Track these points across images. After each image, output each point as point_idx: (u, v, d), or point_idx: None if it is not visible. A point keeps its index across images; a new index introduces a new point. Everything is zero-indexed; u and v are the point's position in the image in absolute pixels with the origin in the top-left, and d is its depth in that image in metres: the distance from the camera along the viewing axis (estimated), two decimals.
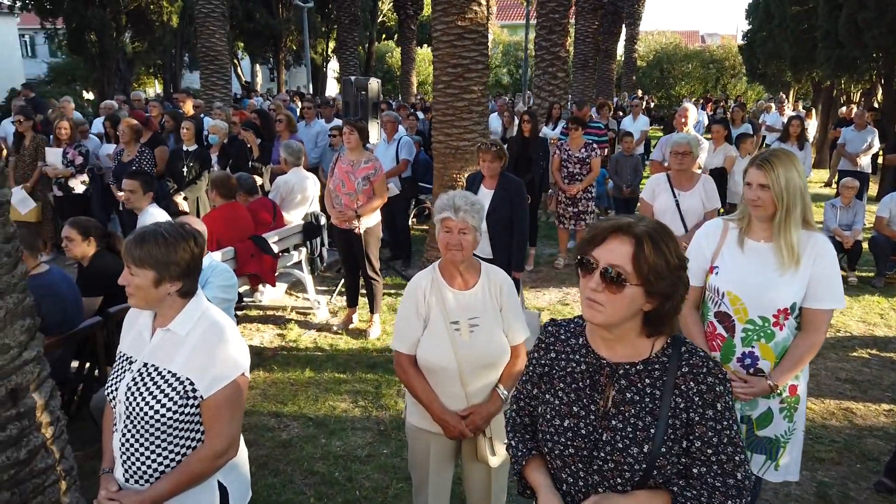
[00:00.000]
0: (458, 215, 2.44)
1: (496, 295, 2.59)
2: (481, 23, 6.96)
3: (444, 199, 2.51)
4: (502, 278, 2.64)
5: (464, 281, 2.57)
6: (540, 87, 11.85)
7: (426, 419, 2.60)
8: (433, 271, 2.62)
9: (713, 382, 1.53)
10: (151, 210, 4.59)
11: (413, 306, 2.58)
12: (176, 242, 1.92)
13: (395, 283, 7.03)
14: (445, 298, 2.53)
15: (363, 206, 5.31)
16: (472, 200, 2.50)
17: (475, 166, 7.14)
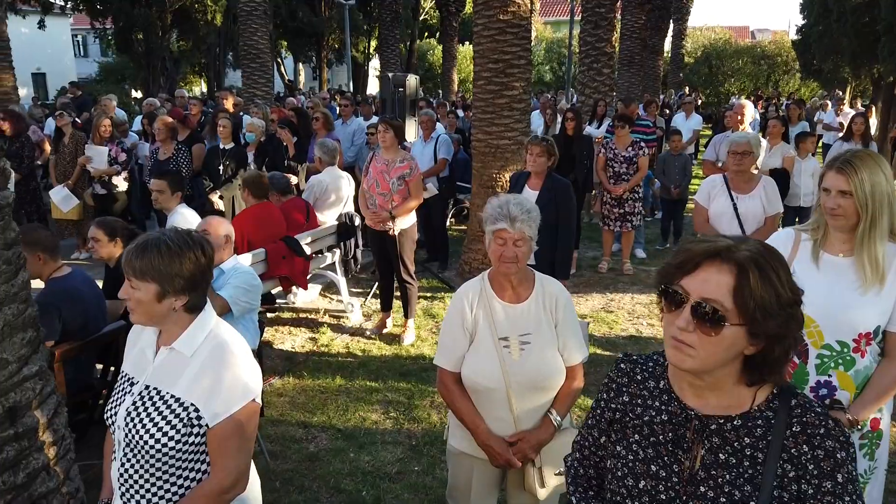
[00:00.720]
0: (514, 226, 2.20)
1: (551, 309, 2.34)
2: (524, 17, 6.68)
3: (497, 207, 2.26)
4: (558, 290, 2.39)
5: (515, 293, 2.33)
6: (584, 84, 11.49)
7: (470, 442, 2.37)
8: (482, 281, 2.38)
9: (833, 447, 1.23)
10: (181, 210, 4.46)
11: (458, 319, 2.35)
12: (181, 252, 1.72)
13: (431, 286, 6.82)
14: (494, 312, 2.30)
15: (398, 206, 5.10)
16: (527, 207, 2.26)
17: (516, 166, 6.88)
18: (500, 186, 6.87)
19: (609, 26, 11.14)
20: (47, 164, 8.03)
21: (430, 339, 5.44)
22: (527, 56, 6.78)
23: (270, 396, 4.44)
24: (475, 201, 7.12)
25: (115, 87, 28.58)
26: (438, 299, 6.42)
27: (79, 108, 11.38)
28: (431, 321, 5.85)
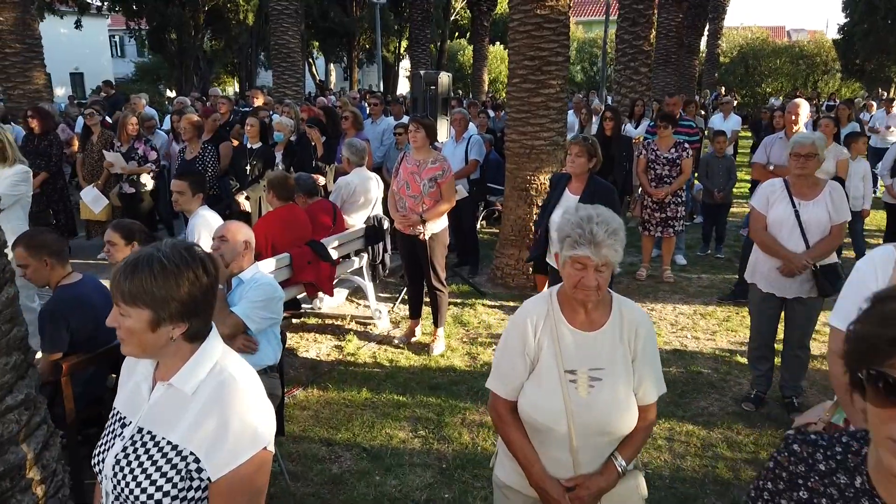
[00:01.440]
0: (599, 252, 1.87)
1: (629, 339, 2.03)
2: (562, 11, 6.38)
3: (575, 227, 1.91)
4: (640, 318, 2.07)
5: (589, 318, 2.02)
6: (620, 84, 11.13)
7: (520, 477, 2.10)
8: (549, 300, 2.07)
9: None
10: (202, 213, 4.27)
11: (519, 343, 2.06)
12: (178, 272, 1.47)
13: (462, 292, 6.55)
14: (562, 339, 2.00)
15: (429, 210, 4.84)
16: (613, 227, 1.92)
17: (551, 167, 6.58)
18: (534, 189, 6.58)
19: (647, 24, 10.78)
20: (75, 163, 7.95)
21: (461, 349, 5.17)
22: (564, 53, 6.47)
23: (293, 410, 4.21)
24: (508, 204, 6.84)
25: (151, 87, 28.94)
26: (469, 306, 6.15)
27: (112, 107, 11.38)
28: (462, 330, 5.58)
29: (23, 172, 4.34)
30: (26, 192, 4.39)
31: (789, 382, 4.22)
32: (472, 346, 5.24)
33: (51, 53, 31.96)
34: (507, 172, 6.82)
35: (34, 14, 9.32)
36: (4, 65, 9.24)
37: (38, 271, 3.11)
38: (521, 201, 6.66)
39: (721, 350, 5.17)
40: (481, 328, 5.61)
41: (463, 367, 4.85)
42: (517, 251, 6.74)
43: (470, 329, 5.60)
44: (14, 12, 9.05)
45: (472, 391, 4.46)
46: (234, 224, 3.32)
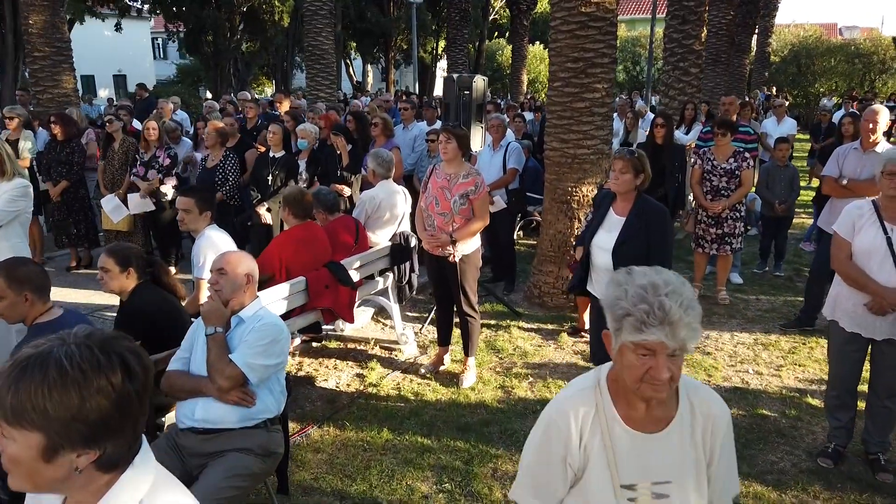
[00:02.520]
0: (675, 335, 1.42)
1: (703, 440, 1.56)
2: (609, 9, 5.84)
3: (638, 301, 1.45)
4: (716, 409, 1.60)
5: (651, 415, 1.56)
6: (669, 85, 10.49)
7: None
8: (597, 391, 1.61)
9: None
10: (209, 233, 3.88)
11: (559, 447, 1.59)
12: (84, 380, 1.04)
13: (496, 312, 6.06)
14: (617, 444, 1.55)
15: (459, 229, 4.37)
16: (688, 298, 1.46)
17: (595, 178, 6.04)
18: (576, 202, 6.06)
19: (698, 21, 10.12)
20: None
21: (493, 381, 4.70)
22: (611, 54, 5.94)
23: (305, 452, 3.79)
24: (547, 217, 6.33)
25: (191, 89, 29.15)
26: (503, 329, 5.67)
27: (145, 111, 11.22)
28: (495, 357, 5.10)
29: (22, 187, 4.02)
30: (25, 207, 4.08)
31: (875, 437, 3.63)
32: (506, 377, 4.76)
33: (94, 55, 32.53)
34: (547, 183, 6.32)
35: (63, 17, 9.17)
36: (34, 69, 9.12)
37: (15, 307, 2.75)
38: (562, 215, 6.15)
39: (788, 389, 4.58)
40: (516, 356, 5.12)
41: (495, 404, 4.37)
42: (556, 269, 6.23)
43: (504, 357, 5.12)
44: (43, 15, 8.90)
45: (504, 434, 3.98)
46: (235, 255, 2.91)
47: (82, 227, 7.22)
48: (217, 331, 2.69)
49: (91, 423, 1.04)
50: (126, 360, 1.11)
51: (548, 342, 5.40)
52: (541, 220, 6.69)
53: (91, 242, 7.34)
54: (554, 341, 5.40)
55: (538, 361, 5.03)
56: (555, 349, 5.26)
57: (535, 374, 4.80)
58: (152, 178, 6.80)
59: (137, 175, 6.86)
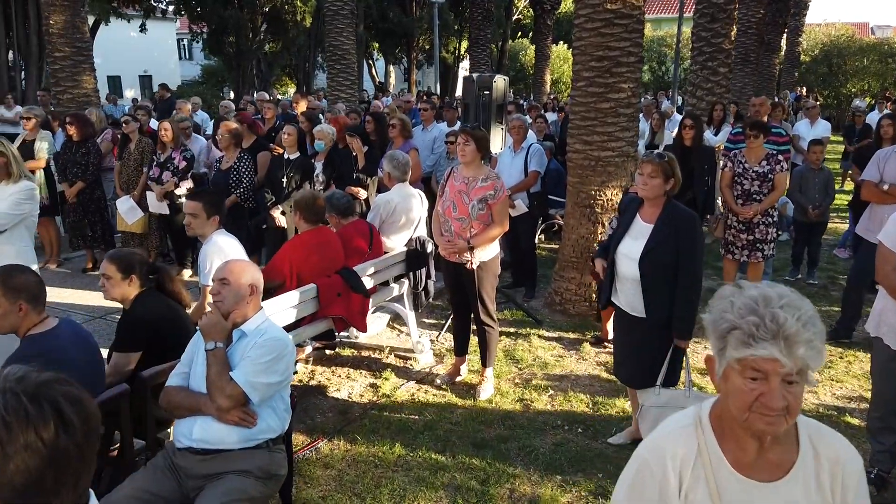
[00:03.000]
0: (792, 352, 1.21)
1: (831, 491, 1.34)
2: (636, 6, 5.61)
3: (747, 313, 1.25)
4: (844, 453, 1.37)
5: (765, 459, 1.34)
6: (696, 85, 10.19)
7: None
8: (698, 429, 1.39)
9: None
10: (216, 238, 3.74)
11: (653, 493, 1.37)
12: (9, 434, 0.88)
13: (515, 319, 5.87)
14: (726, 493, 1.32)
15: (477, 235, 4.19)
16: (808, 313, 1.26)
17: (619, 182, 5.81)
18: (599, 206, 5.84)
19: (728, 20, 9.81)
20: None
21: (512, 393, 4.50)
22: (637, 53, 5.70)
23: (314, 468, 3.63)
24: (569, 222, 6.11)
25: (215, 90, 29.31)
26: (523, 337, 5.47)
27: (168, 111, 11.20)
28: (514, 368, 4.90)
29: (28, 190, 3.92)
30: (31, 211, 3.98)
31: None
32: (526, 389, 4.56)
33: (121, 56, 32.86)
34: (569, 186, 6.10)
35: (84, 17, 9.16)
36: (54, 69, 9.11)
37: (8, 316, 2.62)
38: (585, 219, 5.93)
39: (826, 407, 4.32)
40: (536, 367, 4.92)
41: (514, 419, 4.17)
42: (579, 275, 6.01)
43: (523, 367, 4.92)
44: (64, 15, 8.89)
45: (523, 452, 3.79)
46: (238, 264, 2.75)
47: (98, 229, 7.16)
48: (217, 346, 2.54)
49: (17, 488, 0.88)
50: (61, 409, 0.94)
51: (569, 352, 5.19)
52: (563, 224, 6.48)
53: (107, 244, 7.27)
54: (576, 351, 5.19)
55: (559, 373, 4.82)
56: (577, 360, 5.05)
57: (556, 386, 4.60)
58: (167, 180, 6.71)
59: (152, 177, 6.78)
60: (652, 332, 3.48)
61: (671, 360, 3.48)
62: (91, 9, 20.12)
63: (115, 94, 23.47)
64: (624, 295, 3.58)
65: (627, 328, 3.63)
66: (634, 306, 3.52)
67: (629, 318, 3.57)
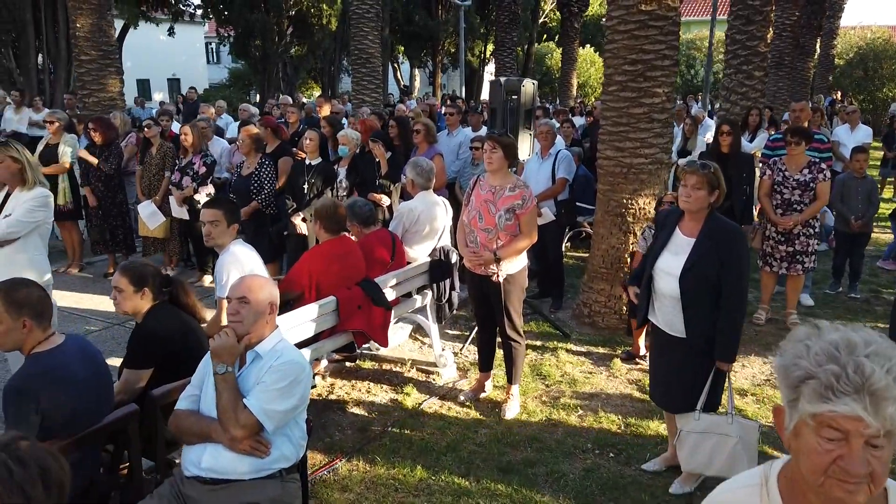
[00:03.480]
0: (879, 410, 1.04)
1: None
2: (672, 7, 5.38)
3: (827, 360, 1.08)
4: None
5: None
6: (730, 90, 9.88)
7: None
8: (763, 491, 1.23)
9: None
10: (233, 249, 3.59)
11: None
12: None
13: (542, 332, 5.66)
14: None
15: (504, 246, 4.00)
16: (891, 361, 1.06)
17: (652, 190, 5.58)
18: (631, 215, 5.61)
19: (764, 22, 9.49)
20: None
21: (539, 412, 4.29)
22: (672, 56, 5.47)
23: (332, 490, 3.47)
24: (599, 231, 5.89)
25: (241, 93, 29.49)
26: (550, 351, 5.26)
27: (193, 114, 11.18)
28: (541, 385, 4.70)
29: (42, 196, 3.82)
30: (45, 218, 3.87)
31: None
32: (553, 408, 4.35)
33: (150, 60, 33.31)
34: (599, 195, 5.88)
35: (110, 20, 9.15)
36: (80, 72, 9.12)
37: (11, 333, 2.49)
38: (616, 228, 5.70)
39: None
40: (564, 384, 4.71)
41: (541, 441, 3.96)
42: (608, 286, 5.79)
43: (551, 384, 4.71)
44: (90, 18, 8.90)
45: (551, 478, 3.58)
46: (256, 280, 2.59)
47: (119, 233, 7.11)
48: (228, 370, 2.38)
49: None
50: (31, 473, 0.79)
51: (599, 368, 4.96)
52: (592, 235, 6.25)
53: (128, 248, 7.22)
54: (606, 368, 4.97)
55: (589, 391, 4.60)
56: (607, 377, 4.83)
57: (586, 405, 4.38)
58: (186, 185, 6.62)
59: (174, 182, 6.70)
60: (692, 353, 3.26)
61: (712, 384, 3.26)
62: (120, 12, 20.35)
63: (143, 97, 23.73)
64: (662, 313, 3.36)
65: (665, 348, 3.40)
66: (673, 325, 3.30)
67: (667, 338, 3.35)
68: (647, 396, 4.33)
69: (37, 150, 7.28)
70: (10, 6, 14.26)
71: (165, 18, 23.35)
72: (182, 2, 23.64)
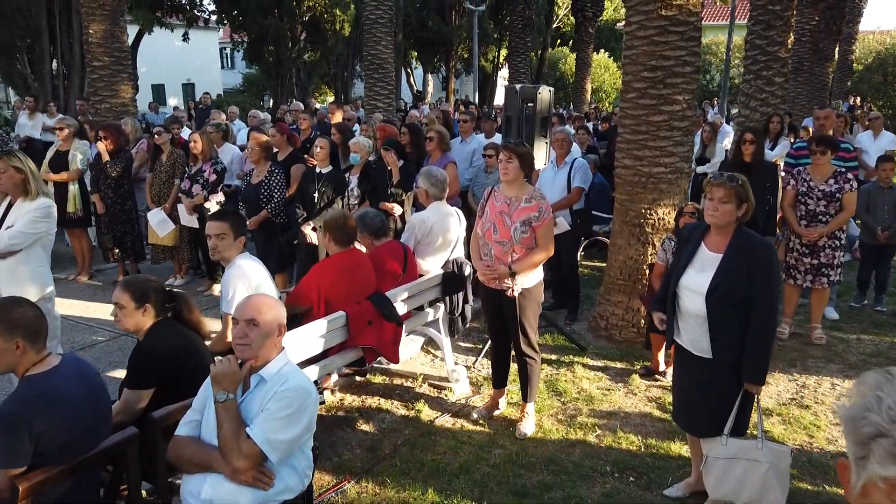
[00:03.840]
0: None
1: None
2: (693, 11, 5.23)
3: (894, 418, 0.95)
4: None
5: None
6: (749, 95, 9.66)
7: None
8: None
9: None
10: (239, 262, 3.47)
11: None
12: None
13: (557, 345, 5.51)
14: None
15: (520, 260, 3.85)
16: None
17: (672, 200, 5.42)
18: (650, 225, 5.45)
19: (784, 27, 9.28)
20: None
21: (555, 431, 4.14)
22: (693, 62, 5.31)
23: None
24: (616, 241, 5.73)
25: (255, 99, 29.54)
26: (566, 366, 5.10)
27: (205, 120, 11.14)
28: (557, 402, 4.54)
29: (45, 207, 3.73)
30: (47, 229, 3.78)
31: None
32: (570, 427, 4.19)
33: (164, 65, 33.55)
34: (617, 204, 5.72)
35: (123, 26, 9.11)
36: (93, 78, 9.08)
37: (4, 355, 2.38)
38: (634, 239, 5.54)
39: None
40: (581, 401, 4.55)
41: (557, 462, 3.81)
42: (626, 299, 5.62)
43: (567, 401, 4.55)
44: (103, 24, 8.86)
45: (569, 503, 3.42)
46: (265, 301, 2.46)
47: (128, 240, 7.04)
48: (229, 397, 2.26)
49: None
50: None
51: (617, 385, 4.80)
52: (609, 246, 6.09)
53: (137, 256, 7.14)
54: (624, 384, 4.80)
55: (607, 409, 4.44)
56: (625, 394, 4.66)
57: (604, 425, 4.22)
58: (196, 193, 6.54)
59: (183, 190, 6.62)
60: (719, 374, 3.10)
61: (740, 406, 3.09)
62: (134, 18, 20.43)
63: (158, 102, 23.79)
64: (687, 332, 3.20)
65: (690, 369, 3.24)
66: (699, 345, 3.14)
67: (692, 358, 3.19)
68: (667, 415, 4.17)
69: (47, 157, 7.25)
70: (25, 12, 14.32)
71: (180, 24, 23.44)
72: (197, 7, 23.76)
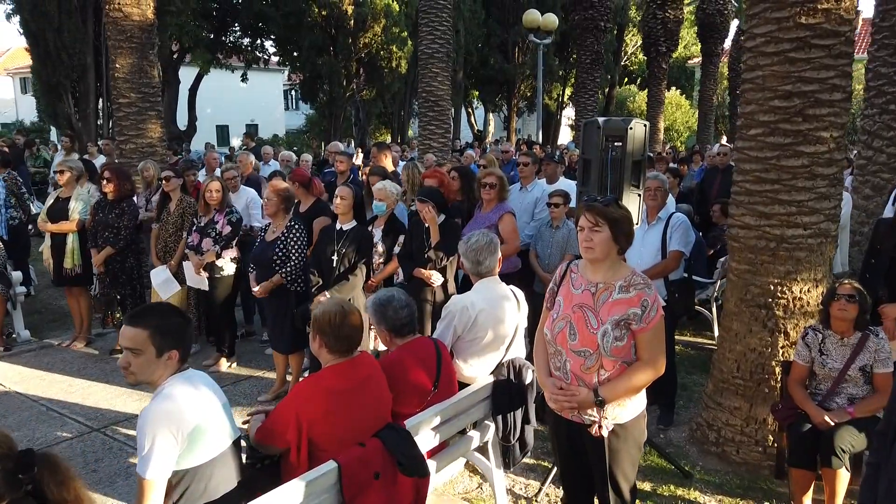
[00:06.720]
0: None
1: None
2: (845, 18, 3.81)
3: None
4: None
5: None
6: (872, 133, 8.01)
7: None
8: None
9: None
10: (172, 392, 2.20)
11: None
12: None
13: (650, 467, 4.04)
14: None
15: (612, 382, 2.48)
16: None
17: (812, 273, 3.94)
18: (781, 307, 3.99)
19: None
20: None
21: None
22: (846, 87, 3.87)
23: None
24: (731, 325, 4.26)
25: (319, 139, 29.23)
26: (664, 501, 3.62)
27: None
28: None
29: None
30: None
31: None
32: None
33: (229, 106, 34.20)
34: (733, 276, 4.27)
35: (153, 60, 8.33)
36: (118, 116, 8.29)
37: None
38: (758, 324, 4.07)
39: None
40: None
41: None
42: (746, 405, 4.13)
43: None
44: (130, 58, 8.09)
45: None
46: None
47: (128, 303, 5.99)
48: None
49: None
50: None
51: None
52: (718, 329, 4.59)
53: None
54: None
55: None
56: None
57: None
58: (206, 249, 5.45)
59: (191, 245, 5.54)
60: None
61: None
62: (193, 58, 20.26)
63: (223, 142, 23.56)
64: None
65: None
66: None
67: None
68: None
69: (45, 203, 6.34)
70: (70, 50, 14.07)
71: (241, 66, 23.31)
72: (258, 49, 23.60)
